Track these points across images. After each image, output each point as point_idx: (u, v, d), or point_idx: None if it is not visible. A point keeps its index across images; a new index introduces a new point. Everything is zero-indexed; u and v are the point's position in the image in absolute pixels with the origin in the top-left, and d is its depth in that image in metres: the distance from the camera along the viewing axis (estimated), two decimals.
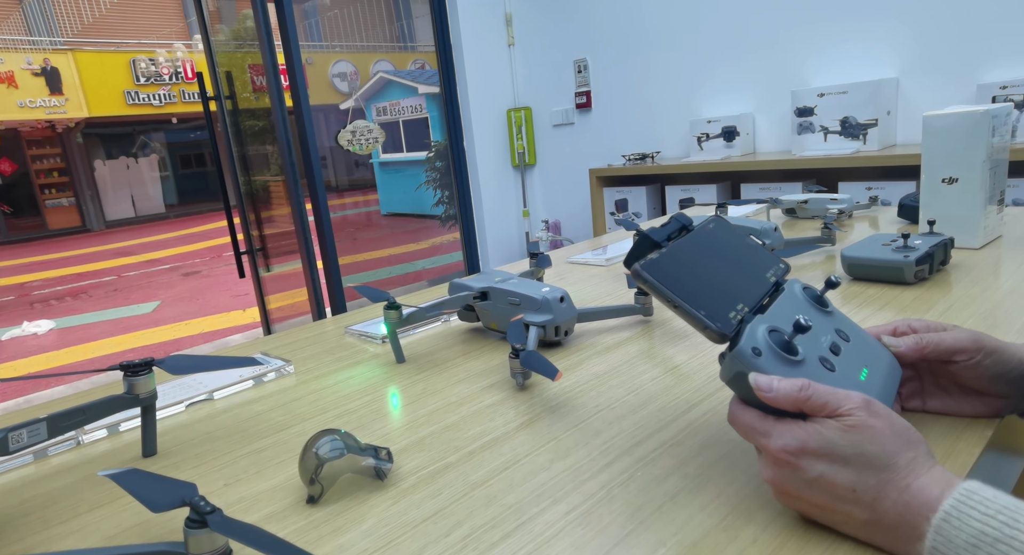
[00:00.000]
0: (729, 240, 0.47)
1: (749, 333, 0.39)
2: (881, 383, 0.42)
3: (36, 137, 13.12)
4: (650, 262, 0.40)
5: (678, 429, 0.51)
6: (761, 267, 0.46)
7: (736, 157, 2.51)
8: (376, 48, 12.98)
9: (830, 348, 0.42)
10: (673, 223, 0.45)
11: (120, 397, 0.54)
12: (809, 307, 0.45)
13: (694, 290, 0.40)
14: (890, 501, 0.34)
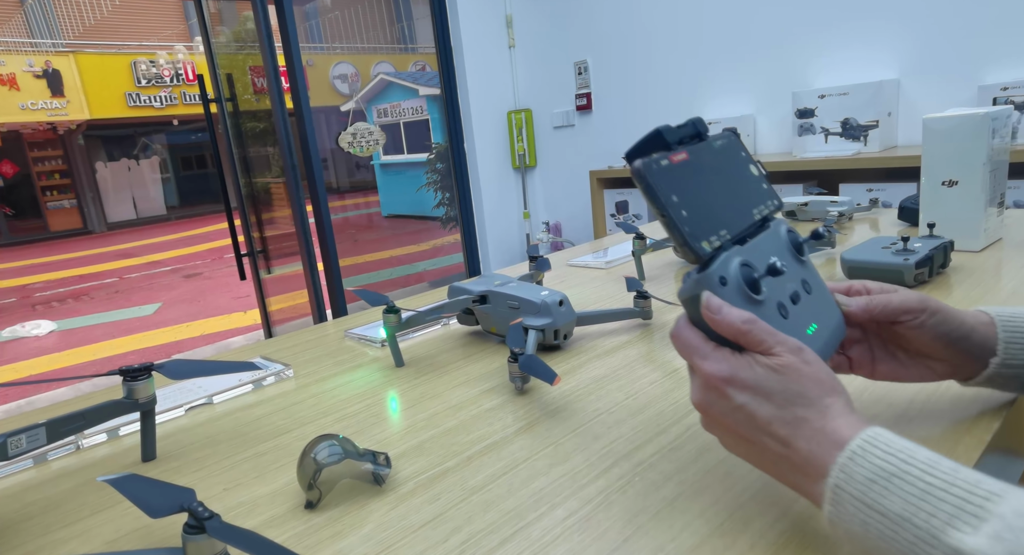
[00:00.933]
0: (734, 161, 0.45)
1: (723, 261, 0.38)
2: (824, 340, 0.43)
3: (38, 139, 13.15)
4: (653, 162, 0.38)
5: (677, 433, 0.51)
6: (755, 199, 0.45)
7: None
8: (377, 50, 13.00)
9: (791, 296, 0.42)
10: (689, 127, 0.43)
11: (120, 402, 0.54)
12: (786, 252, 0.44)
13: (686, 203, 0.38)
14: (803, 439, 0.35)
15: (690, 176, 0.40)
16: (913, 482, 0.31)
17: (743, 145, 0.48)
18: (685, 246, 0.38)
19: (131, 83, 12.94)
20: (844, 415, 0.35)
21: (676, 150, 0.40)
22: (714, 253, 0.39)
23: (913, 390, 0.53)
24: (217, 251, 9.04)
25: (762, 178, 0.47)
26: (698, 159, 0.41)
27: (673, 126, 0.41)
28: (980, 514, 0.29)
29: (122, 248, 10.63)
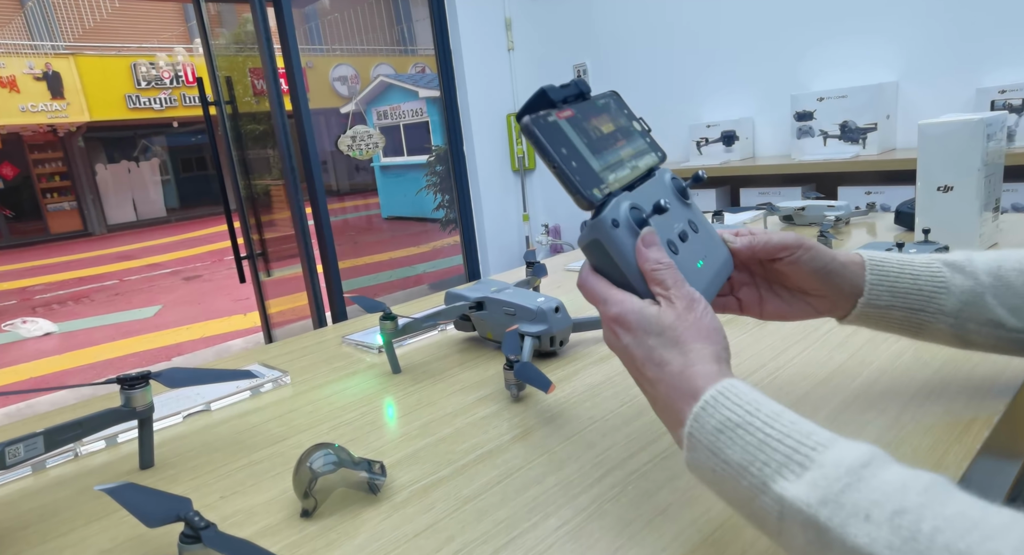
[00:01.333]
0: (618, 118, 0.49)
1: (613, 206, 0.41)
2: (712, 274, 0.46)
3: (38, 141, 13.16)
4: (541, 118, 0.41)
5: (670, 441, 0.51)
6: (640, 151, 0.48)
7: (735, 161, 2.51)
8: (376, 52, 13.01)
9: (679, 234, 0.45)
10: (572, 87, 0.46)
11: (117, 410, 0.55)
12: (672, 195, 0.48)
13: (574, 155, 0.41)
14: (664, 384, 0.38)
15: (577, 131, 0.43)
16: (754, 433, 0.33)
17: (625, 104, 0.51)
18: (577, 194, 0.40)
19: (131, 85, 12.95)
20: (706, 363, 0.37)
21: (561, 108, 0.43)
22: (605, 199, 0.41)
23: (907, 397, 0.54)
24: (217, 253, 9.04)
25: (645, 134, 0.51)
26: (584, 116, 0.44)
27: (557, 86, 0.44)
28: (805, 463, 0.31)
29: (122, 250, 10.64)
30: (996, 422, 0.49)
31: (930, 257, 0.51)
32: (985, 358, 0.59)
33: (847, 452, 0.31)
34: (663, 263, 0.41)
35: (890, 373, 0.58)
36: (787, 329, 0.72)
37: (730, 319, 0.78)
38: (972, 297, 0.49)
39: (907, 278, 0.50)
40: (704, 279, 0.45)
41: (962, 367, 0.58)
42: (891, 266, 0.51)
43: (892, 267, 0.51)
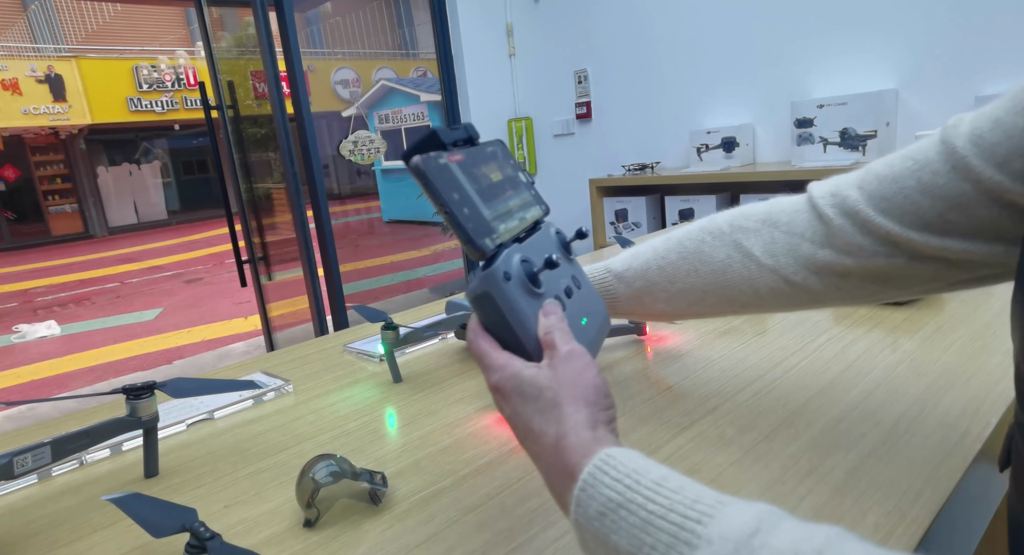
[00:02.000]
0: (505, 167, 0.47)
1: (505, 257, 0.39)
2: (595, 331, 0.46)
3: (40, 144, 13.19)
4: (432, 159, 0.39)
5: (668, 453, 0.52)
6: (527, 203, 0.47)
7: (736, 168, 2.52)
8: (378, 55, 13.05)
9: (565, 290, 0.45)
10: (462, 131, 0.44)
11: (123, 420, 0.56)
12: (557, 250, 0.47)
13: (465, 201, 0.39)
14: (544, 461, 0.35)
15: (467, 176, 0.41)
16: (636, 512, 0.30)
17: (510, 154, 0.50)
18: (470, 243, 0.38)
19: (133, 88, 12.99)
20: (580, 431, 0.34)
21: (452, 151, 0.41)
22: (496, 250, 0.40)
23: (902, 409, 0.54)
24: (218, 256, 9.06)
25: (530, 185, 0.50)
26: (473, 162, 0.43)
27: (448, 128, 0.42)
28: (692, 541, 0.28)
29: (123, 253, 10.66)
30: (988, 434, 0.49)
31: (602, 267, 0.59)
32: (980, 370, 0.60)
33: (734, 521, 0.28)
34: (549, 325, 0.39)
35: (886, 385, 0.59)
36: (784, 340, 0.73)
37: (729, 329, 0.79)
38: (634, 300, 0.56)
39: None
40: (588, 336, 0.44)
41: (958, 378, 0.59)
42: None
43: None
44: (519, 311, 0.39)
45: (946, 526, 0.43)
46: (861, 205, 0.43)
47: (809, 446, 0.50)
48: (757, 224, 0.50)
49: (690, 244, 0.53)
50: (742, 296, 0.50)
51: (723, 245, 0.51)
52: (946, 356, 0.64)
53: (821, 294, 0.47)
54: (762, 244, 0.49)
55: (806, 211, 0.47)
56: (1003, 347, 0.65)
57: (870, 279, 0.45)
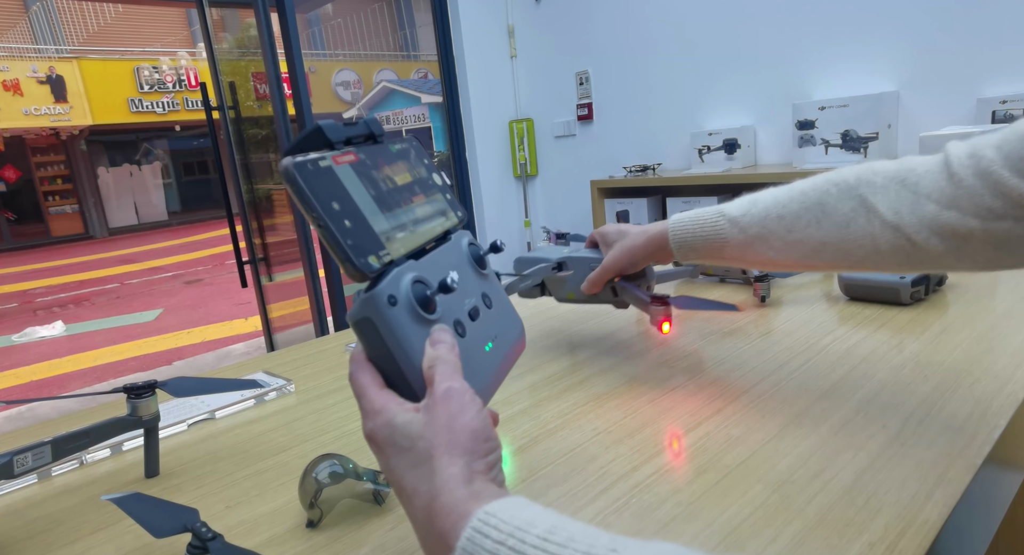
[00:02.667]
0: (414, 169, 0.42)
1: (393, 278, 0.34)
2: (502, 355, 0.41)
3: (40, 144, 13.20)
4: (310, 162, 0.33)
5: (673, 454, 0.52)
6: (437, 210, 0.42)
7: (737, 169, 2.52)
8: (379, 57, 13.07)
9: (469, 312, 0.40)
10: (361, 126, 0.39)
11: (123, 419, 0.55)
12: (468, 265, 0.42)
13: (349, 212, 0.34)
14: (418, 525, 0.31)
15: (358, 180, 0.36)
16: None
17: (426, 153, 0.45)
18: (347, 262, 0.33)
19: (134, 89, 13.01)
20: (454, 489, 0.30)
21: (342, 150, 0.36)
22: (384, 269, 0.35)
23: (909, 411, 0.54)
24: (218, 257, 9.05)
25: (445, 188, 0.45)
26: (373, 162, 0.38)
27: (341, 123, 0.37)
28: None
29: (124, 254, 10.66)
30: (998, 437, 0.49)
31: (715, 211, 0.60)
32: (987, 372, 0.60)
33: None
34: (432, 357, 0.34)
35: (892, 386, 0.59)
36: (789, 341, 0.73)
37: (734, 329, 0.78)
38: (745, 246, 0.57)
39: (700, 240, 0.61)
40: (493, 363, 0.39)
41: (964, 380, 0.58)
42: (687, 230, 0.62)
43: (688, 231, 0.62)
44: (404, 341, 0.34)
45: (956, 528, 0.42)
46: (996, 166, 0.42)
47: (817, 447, 0.50)
48: (885, 181, 0.49)
49: (814, 195, 0.53)
50: (860, 251, 0.50)
51: (848, 198, 0.50)
52: (952, 358, 0.64)
53: (940, 256, 0.46)
54: (888, 201, 0.48)
55: (937, 171, 0.46)
56: (1010, 349, 0.64)
57: (993, 244, 0.44)
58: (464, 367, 0.35)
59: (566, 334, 0.84)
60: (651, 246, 0.67)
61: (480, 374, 0.38)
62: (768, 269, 0.64)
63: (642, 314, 0.88)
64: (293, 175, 0.32)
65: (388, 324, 0.33)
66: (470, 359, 0.37)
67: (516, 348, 0.44)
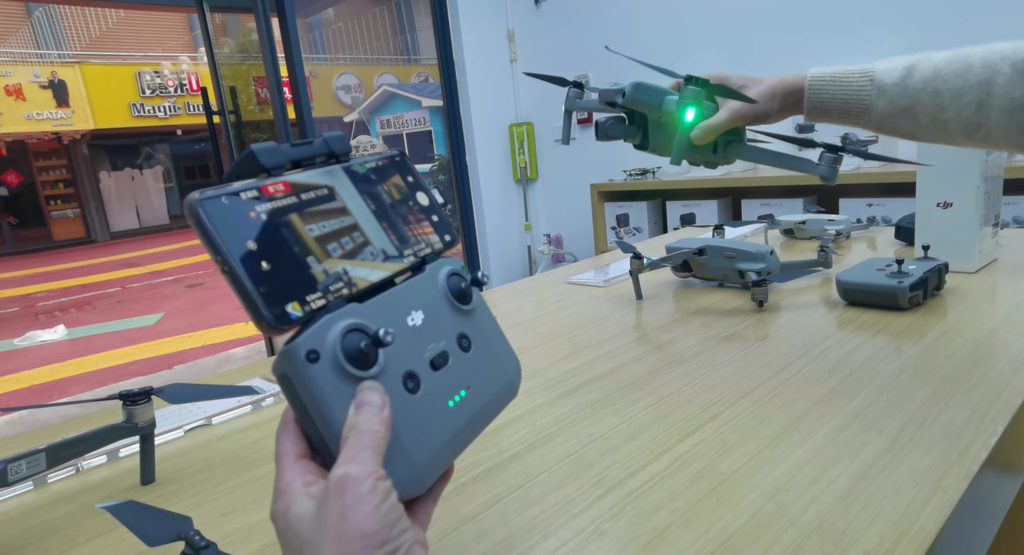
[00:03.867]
0: (391, 188, 0.37)
1: (317, 329, 0.29)
2: (473, 410, 0.34)
3: (42, 149, 13.24)
4: (224, 196, 0.28)
5: (670, 461, 0.51)
6: (412, 236, 0.36)
7: (737, 173, 2.52)
8: (380, 61, 13.11)
9: (432, 360, 0.33)
10: (318, 145, 0.34)
11: (119, 426, 0.55)
12: (442, 301, 0.35)
13: (272, 251, 0.29)
14: None
15: (293, 211, 0.31)
16: None
17: (412, 168, 0.39)
18: (253, 313, 0.28)
19: (135, 93, 13.05)
20: None
21: (277, 177, 0.31)
22: (309, 316, 0.29)
23: (905, 417, 0.54)
24: None
25: (432, 209, 0.38)
26: (320, 187, 0.33)
27: (290, 144, 0.33)
28: None
29: (125, 257, 10.67)
30: (994, 443, 0.49)
31: (860, 72, 0.56)
32: (984, 378, 0.60)
33: None
34: (358, 428, 0.28)
35: (888, 392, 0.59)
36: (786, 347, 0.73)
37: (731, 334, 0.78)
38: (888, 117, 0.54)
39: (837, 103, 0.58)
40: (458, 419, 0.33)
41: (961, 386, 0.58)
42: (825, 90, 0.59)
43: (826, 91, 0.59)
44: (324, 405, 0.29)
45: (953, 535, 0.42)
46: None
47: (813, 453, 0.50)
48: None
49: (983, 73, 0.49)
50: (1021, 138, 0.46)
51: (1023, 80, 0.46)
52: (950, 363, 0.63)
53: None
54: None
55: None
56: (1008, 354, 0.64)
57: None
58: (411, 428, 0.31)
59: (563, 340, 0.84)
60: (790, 96, 0.63)
61: (434, 435, 0.32)
62: (905, 138, 0.59)
63: (642, 315, 0.88)
64: (195, 212, 0.27)
65: (306, 384, 0.29)
66: (421, 417, 0.31)
67: (501, 396, 0.37)
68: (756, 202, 2.42)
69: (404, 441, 0.30)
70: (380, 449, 0.28)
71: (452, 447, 0.33)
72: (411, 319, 0.33)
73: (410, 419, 0.31)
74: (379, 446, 0.28)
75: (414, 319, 0.33)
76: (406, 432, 0.31)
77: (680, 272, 1.04)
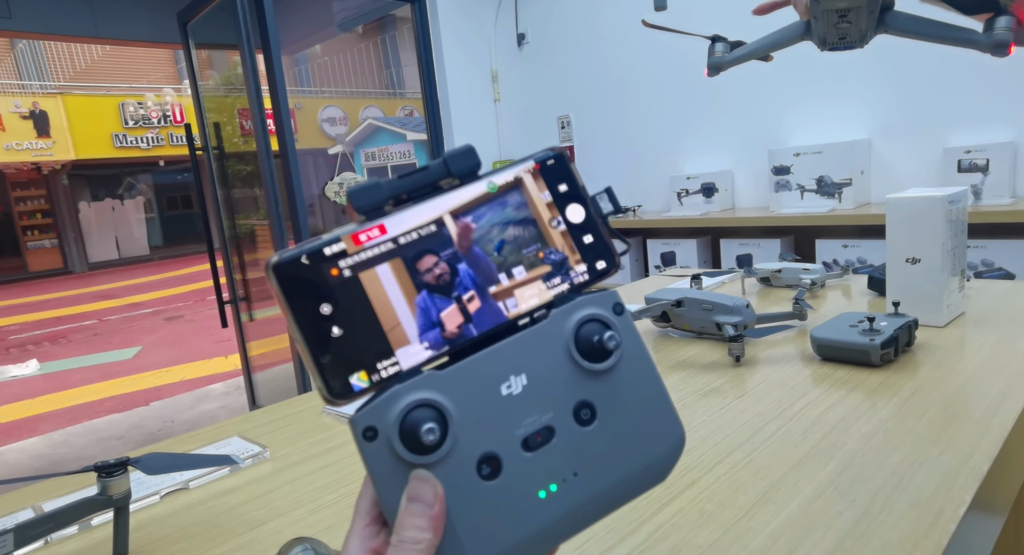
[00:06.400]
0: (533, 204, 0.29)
1: (378, 404, 0.26)
2: (578, 502, 0.27)
3: (21, 179, 13.12)
4: (303, 256, 0.26)
5: (648, 532, 0.52)
6: (542, 273, 0.29)
7: (715, 213, 2.57)
8: (365, 94, 13.24)
9: (527, 439, 0.27)
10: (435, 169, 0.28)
11: (93, 499, 0.54)
12: (561, 359, 0.28)
13: (347, 315, 0.26)
14: None
15: (383, 261, 0.27)
16: None
17: (570, 171, 0.30)
18: (319, 381, 0.26)
19: (118, 124, 13.03)
20: None
21: (371, 222, 0.27)
22: (379, 386, 0.26)
23: (876, 485, 0.55)
24: (200, 292, 8.97)
25: (587, 227, 0.30)
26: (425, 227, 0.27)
27: (396, 176, 0.28)
28: None
29: (103, 289, 10.51)
30: (962, 515, 0.50)
31: None
32: (953, 441, 0.61)
33: None
34: (401, 540, 0.25)
35: (861, 457, 0.60)
36: (763, 405, 0.74)
37: (710, 390, 0.79)
38: None
39: None
40: (544, 516, 0.26)
41: (930, 451, 0.60)
42: None
43: None
44: (382, 486, 0.26)
45: None
46: None
47: (787, 525, 0.51)
48: None
49: None
50: None
51: None
52: (920, 425, 0.65)
53: None
54: None
55: None
56: (974, 415, 0.66)
57: None
58: (475, 521, 0.26)
59: None
60: None
61: (505, 532, 0.26)
62: None
63: None
64: (269, 276, 0.25)
65: (364, 460, 0.26)
66: (492, 510, 0.26)
67: (634, 481, 0.28)
68: (734, 242, 2.46)
69: (462, 538, 0.26)
70: None
71: (531, 547, 0.27)
72: (507, 386, 0.27)
73: (476, 512, 0.26)
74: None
75: (512, 386, 0.27)
76: (466, 527, 0.26)
77: (659, 322, 1.05)
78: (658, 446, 0.29)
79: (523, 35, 3.24)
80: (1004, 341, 0.85)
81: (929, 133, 2.16)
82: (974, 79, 2.04)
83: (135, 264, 14.02)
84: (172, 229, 15.25)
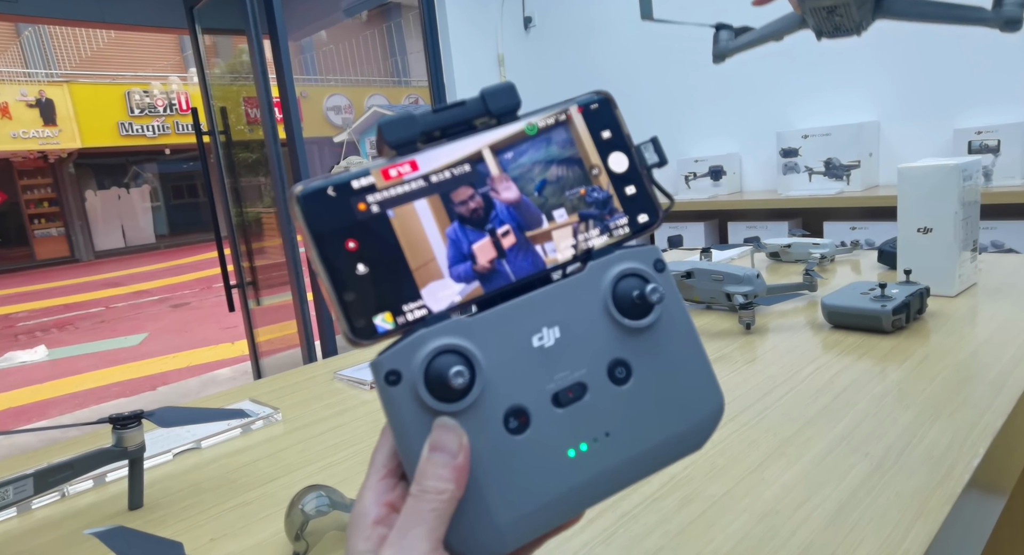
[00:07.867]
0: (570, 151, 0.28)
1: (404, 347, 0.24)
2: (609, 465, 0.26)
3: (28, 167, 13.15)
4: (330, 188, 0.24)
5: (661, 483, 0.52)
6: (582, 220, 0.27)
7: (723, 196, 2.55)
8: (371, 82, 13.20)
9: (557, 394, 0.26)
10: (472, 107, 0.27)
11: (108, 450, 0.55)
12: (598, 314, 0.26)
13: (375, 251, 0.25)
14: None
15: (414, 198, 0.25)
16: None
17: (615, 117, 0.29)
18: (341, 322, 0.24)
19: (124, 112, 13.03)
20: None
21: (404, 154, 0.26)
22: (405, 329, 0.25)
23: (890, 441, 0.55)
24: (205, 281, 8.99)
25: (630, 177, 0.28)
26: (460, 163, 0.26)
27: (429, 109, 0.27)
28: None
29: (109, 277, 10.56)
30: (976, 466, 0.50)
31: None
32: (967, 400, 0.61)
33: None
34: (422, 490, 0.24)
35: (873, 416, 0.60)
36: (774, 369, 0.74)
37: (720, 357, 0.79)
38: None
39: None
40: (573, 477, 0.25)
41: (944, 409, 0.59)
42: None
43: None
44: (403, 432, 0.25)
45: None
46: None
47: (801, 476, 0.51)
48: None
49: None
50: None
51: None
52: (932, 386, 0.65)
53: None
54: None
55: None
56: (988, 377, 0.66)
57: None
58: (501, 478, 0.25)
59: None
60: None
61: (531, 492, 0.25)
62: None
63: None
64: (293, 207, 0.24)
65: (386, 405, 0.25)
66: (519, 467, 0.25)
67: (669, 446, 0.27)
68: (742, 224, 2.45)
69: (486, 494, 0.25)
70: (444, 514, 0.24)
71: (559, 508, 0.26)
72: (539, 338, 0.26)
73: (502, 467, 0.25)
74: (443, 511, 0.24)
75: (544, 338, 0.26)
76: (491, 483, 0.25)
77: None
78: (696, 412, 0.27)
79: (530, 18, 3.22)
80: (1018, 312, 0.84)
81: (939, 114, 2.14)
82: (985, 59, 2.02)
83: (141, 252, 14.07)
84: (178, 217, 15.28)
